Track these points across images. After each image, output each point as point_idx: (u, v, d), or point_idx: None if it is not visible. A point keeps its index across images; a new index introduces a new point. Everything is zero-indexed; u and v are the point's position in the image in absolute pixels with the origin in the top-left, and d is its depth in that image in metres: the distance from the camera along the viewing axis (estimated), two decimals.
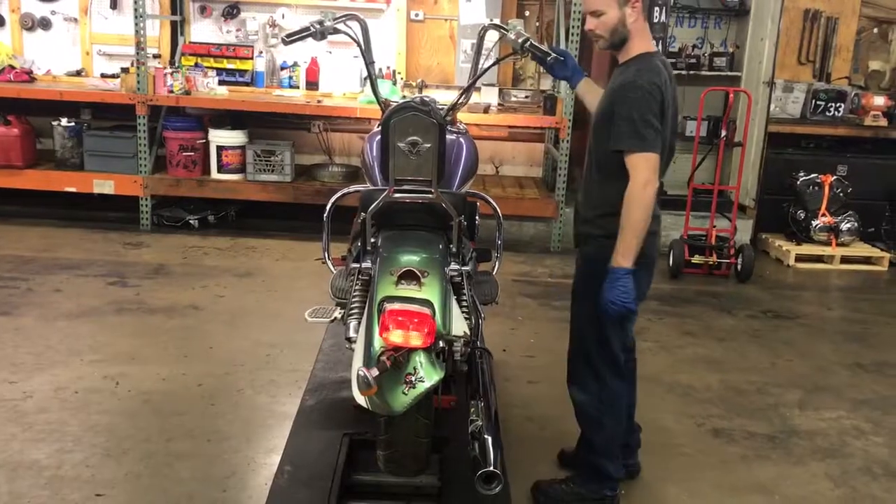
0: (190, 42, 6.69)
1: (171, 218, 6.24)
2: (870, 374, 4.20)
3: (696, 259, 5.69)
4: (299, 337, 4.24)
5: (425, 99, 2.72)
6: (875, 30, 6.96)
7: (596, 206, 2.65)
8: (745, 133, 5.78)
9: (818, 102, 6.52)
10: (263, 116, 6.42)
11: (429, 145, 2.19)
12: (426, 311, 2.08)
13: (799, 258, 6.12)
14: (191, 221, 6.22)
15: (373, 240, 2.31)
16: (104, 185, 6.09)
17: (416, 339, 2.04)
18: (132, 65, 6.04)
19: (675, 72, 3.03)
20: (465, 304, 2.37)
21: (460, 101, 3.49)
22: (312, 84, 6.67)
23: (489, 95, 6.60)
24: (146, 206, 6.14)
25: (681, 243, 5.65)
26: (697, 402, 3.79)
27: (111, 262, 5.39)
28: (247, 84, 6.59)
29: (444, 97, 6.55)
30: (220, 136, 6.14)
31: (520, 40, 3.15)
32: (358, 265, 2.44)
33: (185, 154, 6.10)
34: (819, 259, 6.19)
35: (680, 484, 3.07)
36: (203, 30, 6.76)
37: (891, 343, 4.75)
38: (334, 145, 7.07)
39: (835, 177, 6.19)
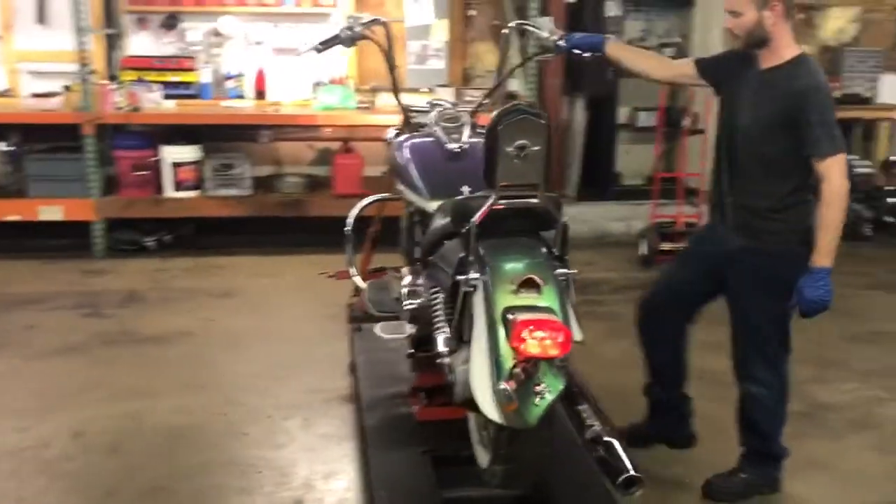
0: (128, 56, 6.36)
1: (126, 241, 5.91)
2: (868, 345, 4.38)
3: (666, 246, 5.79)
4: (310, 356, 4.11)
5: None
6: (801, 15, 7.27)
7: (765, 198, 2.73)
8: (707, 121, 5.93)
9: None
10: (211, 129, 6.17)
11: (537, 148, 2.14)
12: (557, 318, 2.03)
13: None
14: (147, 244, 5.92)
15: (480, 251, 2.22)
16: (51, 212, 5.72)
17: (553, 349, 1.99)
18: (74, 82, 5.69)
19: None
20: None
21: (485, 101, 3.45)
22: (261, 93, 6.45)
23: (444, 96, 6.53)
24: (99, 230, 5.80)
25: (654, 231, 5.76)
26: (724, 386, 3.82)
27: (76, 292, 5.06)
28: (193, 97, 6.31)
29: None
30: (175, 153, 5.85)
31: (553, 38, 3.13)
32: (450, 277, 2.36)
33: (137, 173, 5.79)
34: None
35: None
36: (141, 42, 6.43)
37: (876, 313, 4.98)
38: (283, 155, 6.86)
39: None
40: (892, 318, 5.02)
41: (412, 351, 2.95)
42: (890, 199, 6.55)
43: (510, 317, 2.04)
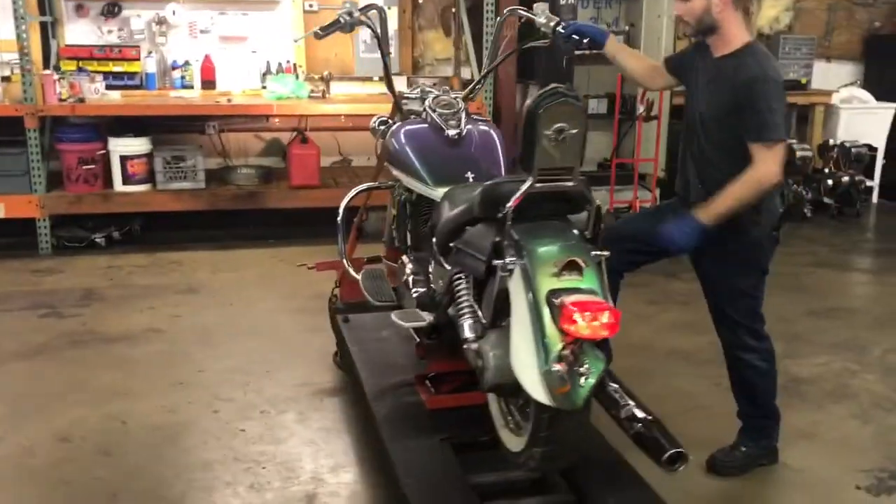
0: (67, 45, 6.09)
1: (73, 238, 5.68)
2: (828, 320, 4.56)
3: None
4: (288, 349, 4.03)
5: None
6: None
7: (726, 181, 2.73)
8: (661, 108, 6.06)
9: None
10: (155, 120, 5.96)
11: (575, 131, 2.14)
12: (604, 300, 2.05)
13: None
14: (97, 240, 5.69)
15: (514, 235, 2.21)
16: None
17: (603, 330, 2.01)
18: (13, 72, 5.42)
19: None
20: None
21: (478, 87, 3.45)
22: (209, 83, 6.27)
23: (397, 84, 6.46)
24: (44, 227, 5.55)
25: (613, 217, 5.85)
26: (701, 364, 3.94)
27: (29, 292, 4.84)
28: (137, 87, 6.09)
29: (347, 89, 6.45)
30: (123, 146, 5.65)
31: (552, 24, 3.14)
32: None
33: (85, 167, 5.56)
34: None
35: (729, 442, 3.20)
36: (79, 31, 6.15)
37: (828, 290, 5.19)
38: (232, 147, 6.69)
39: None
40: (842, 294, 5.25)
41: (420, 339, 2.94)
42: (828, 181, 6.82)
43: (556, 300, 2.04)
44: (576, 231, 2.28)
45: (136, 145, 5.67)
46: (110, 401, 3.48)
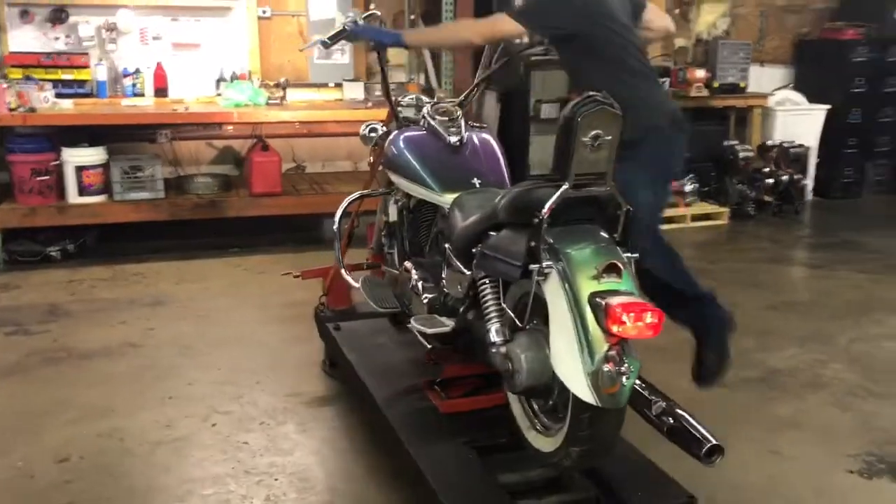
0: (11, 52, 5.87)
1: (27, 252, 5.47)
2: (788, 314, 4.76)
3: None
4: (274, 360, 4.00)
5: None
6: (677, 10, 7.74)
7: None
8: None
9: None
10: (105, 130, 5.80)
11: (609, 138, 2.21)
12: (648, 301, 2.12)
13: None
14: (52, 254, 5.51)
15: (550, 239, 2.26)
16: None
17: (648, 330, 2.08)
18: None
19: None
20: None
21: (474, 94, 3.50)
22: (161, 91, 6.14)
23: (354, 91, 6.51)
24: None
25: None
26: (673, 362, 4.05)
27: None
28: (88, 95, 5.92)
29: (303, 96, 6.41)
30: (78, 156, 5.48)
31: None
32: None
33: (38, 179, 5.38)
34: (670, 220, 6.82)
35: (726, 435, 3.31)
36: (24, 37, 5.94)
37: (781, 285, 5.42)
38: (182, 155, 6.57)
39: None
40: (797, 288, 5.49)
41: (432, 345, 2.96)
42: (768, 180, 7.11)
43: (601, 301, 2.11)
44: (605, 234, 2.35)
45: (92, 155, 5.52)
46: (101, 418, 3.39)
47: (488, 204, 2.67)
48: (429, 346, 2.98)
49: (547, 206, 2.25)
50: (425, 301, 2.91)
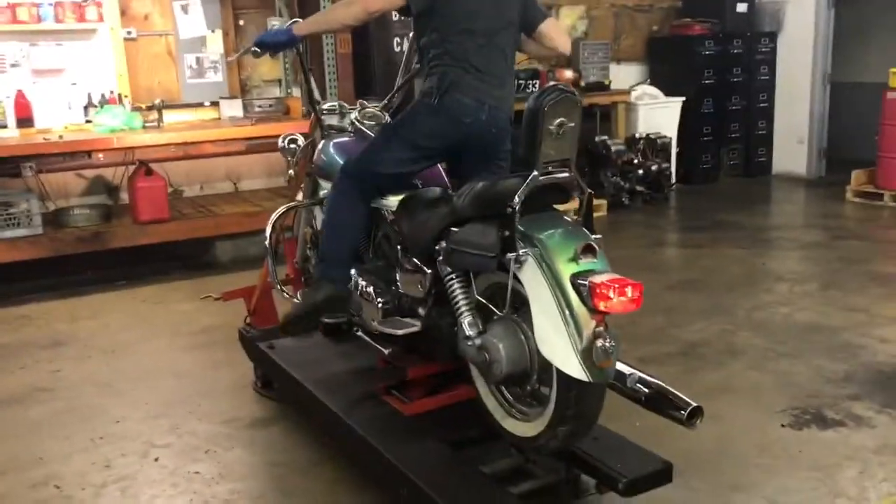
0: None
1: None
2: (684, 293, 5.03)
3: None
4: (200, 387, 3.86)
5: None
6: None
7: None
8: None
9: (518, 81, 7.36)
10: None
11: (573, 124, 2.28)
12: (628, 278, 2.21)
13: None
14: None
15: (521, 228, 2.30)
16: None
17: (631, 304, 2.17)
18: None
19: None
20: None
21: (394, 100, 3.51)
22: (26, 120, 5.75)
23: (232, 108, 6.35)
24: None
25: None
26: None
27: None
28: None
29: (177, 118, 6.19)
30: None
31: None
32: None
33: None
34: None
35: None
36: None
37: (671, 266, 5.74)
38: (50, 188, 6.18)
39: None
40: (687, 268, 5.80)
41: (388, 349, 2.95)
42: (639, 171, 7.49)
43: (583, 281, 2.18)
44: (568, 218, 2.43)
45: None
46: (30, 468, 3.15)
47: (442, 202, 2.70)
48: (386, 351, 2.97)
49: (519, 194, 2.30)
50: (380, 306, 2.89)
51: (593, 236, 2.35)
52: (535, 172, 2.29)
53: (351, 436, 2.88)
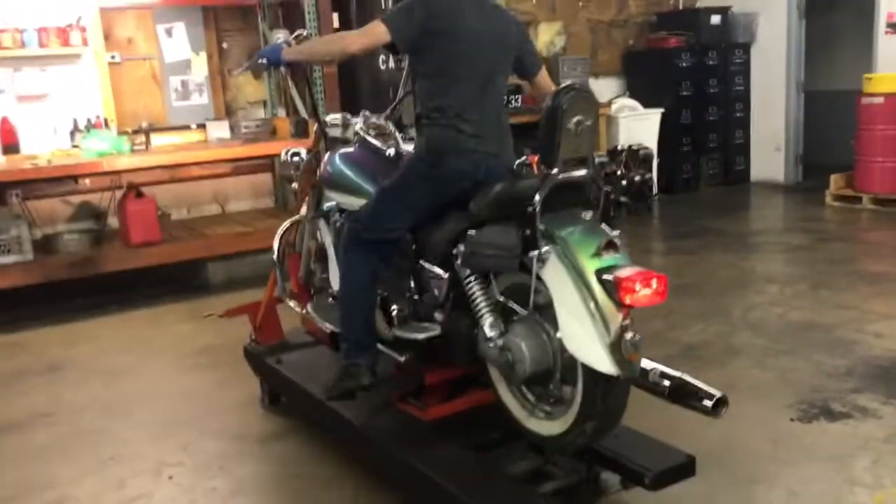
0: None
1: None
2: (680, 297, 5.00)
3: None
4: (206, 406, 3.84)
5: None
6: None
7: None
8: None
9: None
10: None
11: (589, 123, 2.32)
12: (652, 271, 2.24)
13: None
14: None
15: (541, 226, 2.33)
16: None
17: (657, 296, 2.21)
18: None
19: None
20: None
21: (396, 112, 3.53)
22: (12, 147, 5.72)
23: (219, 130, 6.35)
24: None
25: None
26: None
27: None
28: None
29: (163, 140, 6.18)
30: None
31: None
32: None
33: None
34: None
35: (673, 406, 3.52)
36: None
37: (664, 272, 5.73)
38: (36, 215, 6.12)
39: (537, 155, 7.13)
40: (679, 274, 5.80)
41: (405, 357, 2.94)
42: (622, 182, 7.57)
43: (609, 276, 2.21)
44: (587, 216, 2.47)
45: None
46: (43, 490, 3.11)
47: (456, 207, 2.73)
48: (402, 359, 2.97)
49: (540, 193, 2.33)
50: (395, 313, 2.90)
51: (617, 232, 2.39)
52: (556, 170, 2.33)
53: (371, 446, 2.88)
